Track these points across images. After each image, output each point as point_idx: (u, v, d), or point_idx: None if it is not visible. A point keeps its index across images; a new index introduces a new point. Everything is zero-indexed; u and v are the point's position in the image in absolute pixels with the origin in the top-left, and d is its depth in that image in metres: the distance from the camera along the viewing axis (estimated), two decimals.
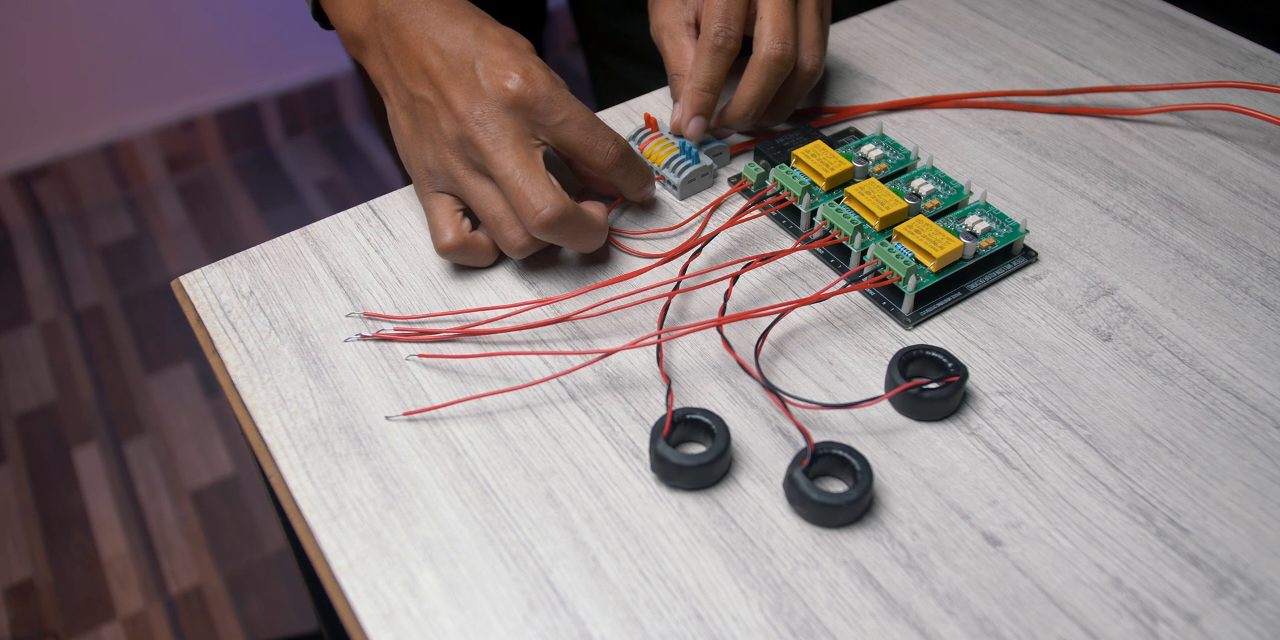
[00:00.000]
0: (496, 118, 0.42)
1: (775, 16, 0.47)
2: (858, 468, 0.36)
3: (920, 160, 0.50)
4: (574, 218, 0.42)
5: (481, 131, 0.42)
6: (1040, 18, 0.61)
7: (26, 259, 1.55)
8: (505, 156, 0.41)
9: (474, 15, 0.45)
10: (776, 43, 0.47)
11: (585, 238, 0.43)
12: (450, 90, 0.43)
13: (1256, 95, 0.55)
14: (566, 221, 0.42)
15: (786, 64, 0.47)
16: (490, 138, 0.42)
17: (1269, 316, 0.43)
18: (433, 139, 0.44)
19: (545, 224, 0.41)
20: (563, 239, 0.43)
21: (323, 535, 0.37)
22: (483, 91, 0.42)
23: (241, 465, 1.27)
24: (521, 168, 0.41)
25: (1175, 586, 0.34)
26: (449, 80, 0.43)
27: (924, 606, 0.34)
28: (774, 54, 0.47)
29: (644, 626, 0.34)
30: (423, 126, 0.44)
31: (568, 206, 0.41)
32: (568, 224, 0.42)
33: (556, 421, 0.40)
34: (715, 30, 0.47)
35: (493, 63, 0.42)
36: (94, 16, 1.47)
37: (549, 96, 0.42)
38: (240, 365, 0.42)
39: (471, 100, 0.42)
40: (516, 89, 0.42)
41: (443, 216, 0.44)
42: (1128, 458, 0.38)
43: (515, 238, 0.43)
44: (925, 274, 0.43)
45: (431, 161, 0.44)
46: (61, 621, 1.12)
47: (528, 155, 0.42)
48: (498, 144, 0.42)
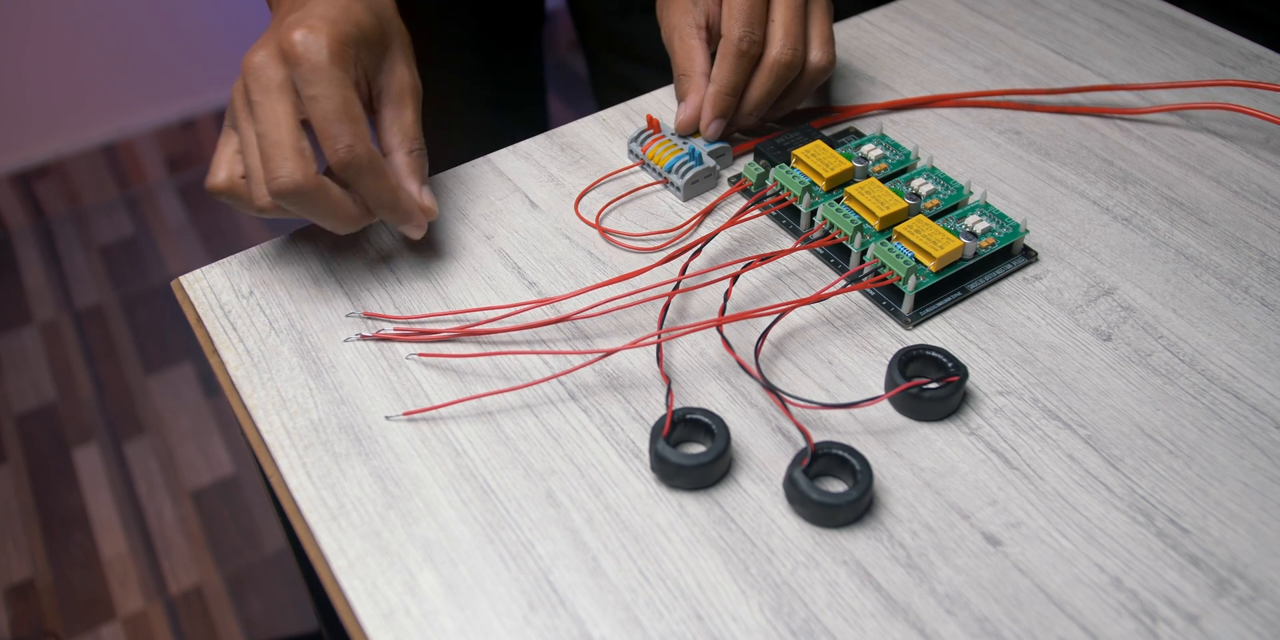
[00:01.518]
0: (270, 65, 0.40)
1: (787, 20, 0.47)
2: (858, 468, 0.36)
3: (920, 160, 0.50)
4: (312, 193, 0.39)
5: (253, 75, 0.40)
6: (1040, 18, 0.61)
7: (26, 259, 1.55)
8: (264, 109, 0.39)
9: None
10: (788, 48, 0.47)
11: (327, 217, 0.41)
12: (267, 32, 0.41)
13: (1256, 95, 0.55)
14: (302, 195, 0.39)
15: (795, 69, 0.48)
16: (259, 84, 0.40)
17: (1269, 316, 0.43)
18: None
19: (279, 190, 0.39)
20: (301, 212, 0.40)
21: (323, 535, 0.37)
22: (276, 37, 0.40)
23: (241, 465, 1.27)
24: (275, 125, 0.39)
25: (1175, 586, 0.34)
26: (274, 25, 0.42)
27: (924, 606, 0.34)
28: (784, 59, 0.47)
29: (644, 626, 0.34)
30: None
31: (307, 180, 0.39)
32: (305, 198, 0.39)
33: (556, 421, 0.40)
34: (740, 35, 0.47)
35: (299, 15, 0.41)
36: (94, 16, 1.47)
37: (312, 64, 0.39)
38: (240, 365, 0.42)
39: (264, 43, 0.40)
40: (287, 45, 0.39)
41: (222, 153, 0.42)
42: (1128, 458, 0.38)
43: (258, 195, 0.40)
44: (925, 274, 0.43)
45: (235, 91, 0.42)
46: (61, 621, 1.12)
47: (286, 113, 0.39)
48: (263, 93, 0.40)
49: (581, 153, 0.53)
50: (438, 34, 0.75)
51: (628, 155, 0.52)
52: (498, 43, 0.80)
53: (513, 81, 0.84)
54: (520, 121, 0.86)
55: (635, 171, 0.51)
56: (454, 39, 0.78)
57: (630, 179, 0.51)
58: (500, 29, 0.79)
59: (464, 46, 0.78)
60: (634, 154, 0.51)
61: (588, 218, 0.49)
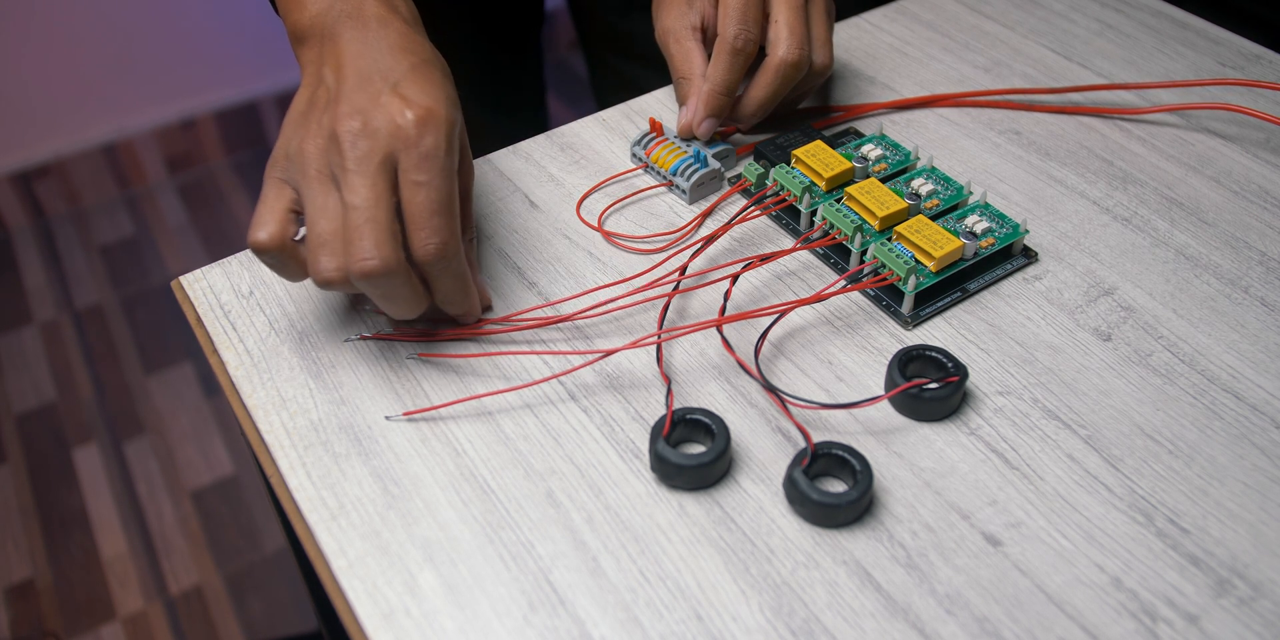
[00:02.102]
0: (376, 136, 0.38)
1: (791, 20, 0.47)
2: (858, 468, 0.36)
3: (920, 160, 0.50)
4: (396, 281, 0.38)
5: (354, 143, 0.37)
6: (1040, 18, 0.61)
7: (26, 259, 1.55)
8: (362, 183, 0.37)
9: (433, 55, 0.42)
10: (794, 48, 0.47)
11: (397, 303, 0.39)
12: (350, 88, 0.39)
13: (1256, 94, 0.55)
14: (387, 280, 0.38)
15: (801, 69, 0.48)
16: (358, 155, 0.37)
17: (1269, 316, 0.43)
18: (309, 128, 0.39)
19: (364, 273, 0.37)
20: (374, 294, 0.39)
21: (323, 535, 0.37)
22: (376, 106, 0.38)
23: (241, 465, 1.27)
24: (372, 204, 0.37)
25: (1175, 586, 0.34)
26: (356, 82, 0.39)
27: (924, 606, 0.34)
28: (790, 59, 0.47)
29: (644, 626, 0.34)
30: (310, 112, 0.40)
31: (396, 267, 0.37)
32: (387, 283, 0.38)
33: (556, 421, 0.40)
34: (734, 33, 0.47)
35: (408, 91, 0.39)
36: (94, 16, 1.47)
37: (428, 152, 0.38)
38: (240, 365, 0.42)
39: (365, 109, 0.38)
40: (405, 124, 0.38)
41: (273, 208, 0.39)
42: (1128, 458, 0.38)
43: (327, 267, 0.38)
44: (925, 274, 0.43)
45: (294, 148, 0.39)
46: (61, 621, 1.12)
47: (386, 192, 0.37)
48: (361, 165, 0.37)
49: (581, 153, 0.53)
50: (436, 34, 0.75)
51: (630, 159, 0.52)
52: (497, 43, 0.80)
53: (512, 81, 0.84)
54: (520, 122, 0.86)
55: (637, 174, 0.51)
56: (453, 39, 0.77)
57: (633, 181, 0.51)
58: (499, 29, 0.79)
59: (463, 47, 0.78)
60: (637, 157, 0.51)
61: (590, 220, 0.49)
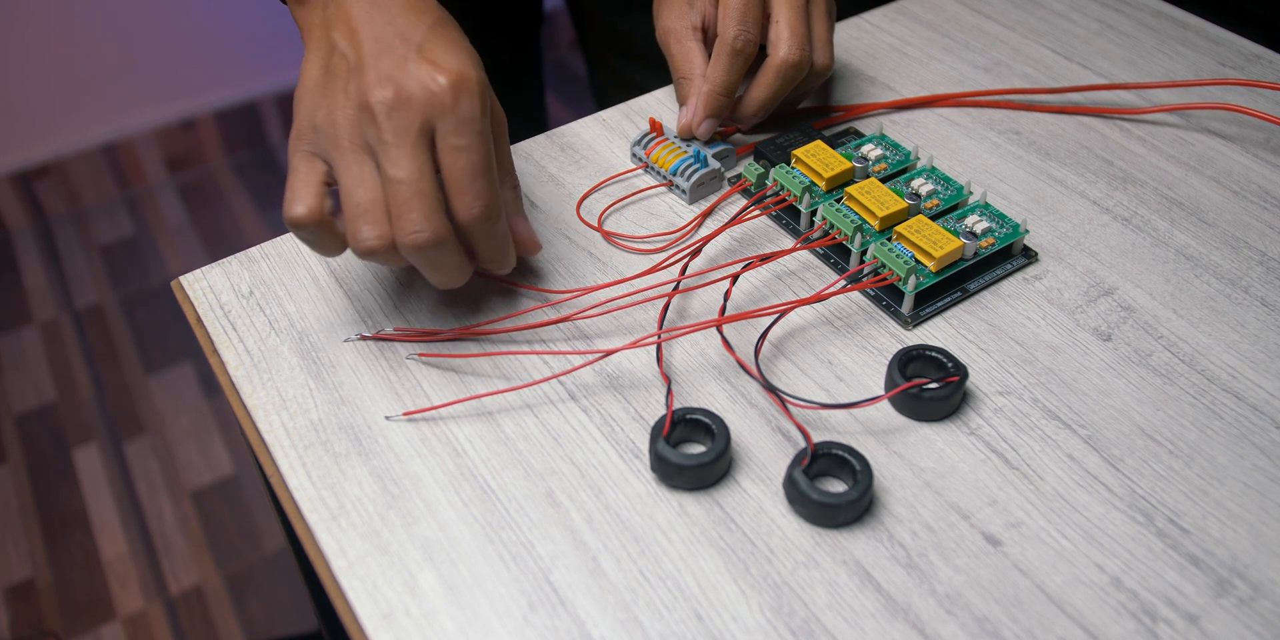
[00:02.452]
0: (409, 107, 0.37)
1: (792, 21, 0.47)
2: (858, 468, 0.36)
3: (920, 160, 0.50)
4: (447, 249, 0.38)
5: (389, 115, 0.36)
6: (1040, 18, 0.61)
7: (26, 259, 1.55)
8: (404, 155, 0.36)
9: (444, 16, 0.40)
10: (795, 48, 0.47)
11: (446, 272, 0.39)
12: (369, 56, 0.37)
13: (1256, 94, 0.55)
14: (439, 250, 0.37)
15: (802, 69, 0.48)
16: (396, 126, 0.36)
17: (1269, 316, 0.43)
18: (333, 97, 0.38)
19: (416, 245, 0.37)
20: (424, 264, 0.38)
21: (323, 535, 0.37)
22: (406, 73, 0.37)
23: (241, 465, 1.27)
24: (418, 177, 0.37)
25: (1175, 586, 0.34)
26: (375, 46, 0.38)
27: (924, 606, 0.34)
28: (792, 60, 0.47)
29: (644, 626, 0.34)
30: (330, 81, 0.39)
31: (448, 236, 0.37)
32: (439, 253, 0.38)
33: (556, 421, 0.40)
34: (734, 34, 0.47)
35: (435, 51, 0.37)
36: (94, 16, 1.47)
37: (467, 116, 0.37)
38: (240, 365, 0.42)
39: (392, 76, 0.37)
40: (441, 91, 0.37)
41: (307, 182, 0.38)
42: (1128, 458, 0.38)
43: (370, 236, 0.37)
44: (925, 274, 0.43)
45: (322, 119, 0.38)
46: (61, 621, 1.12)
47: (427, 161, 0.37)
48: (400, 137, 0.36)
49: (581, 153, 0.53)
50: None
51: (630, 159, 0.52)
52: (496, 42, 0.80)
53: (511, 81, 0.84)
54: (519, 121, 0.86)
55: (637, 174, 0.51)
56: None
57: (633, 181, 0.51)
58: (498, 28, 0.79)
59: None
60: (637, 157, 0.51)
61: (589, 220, 0.49)
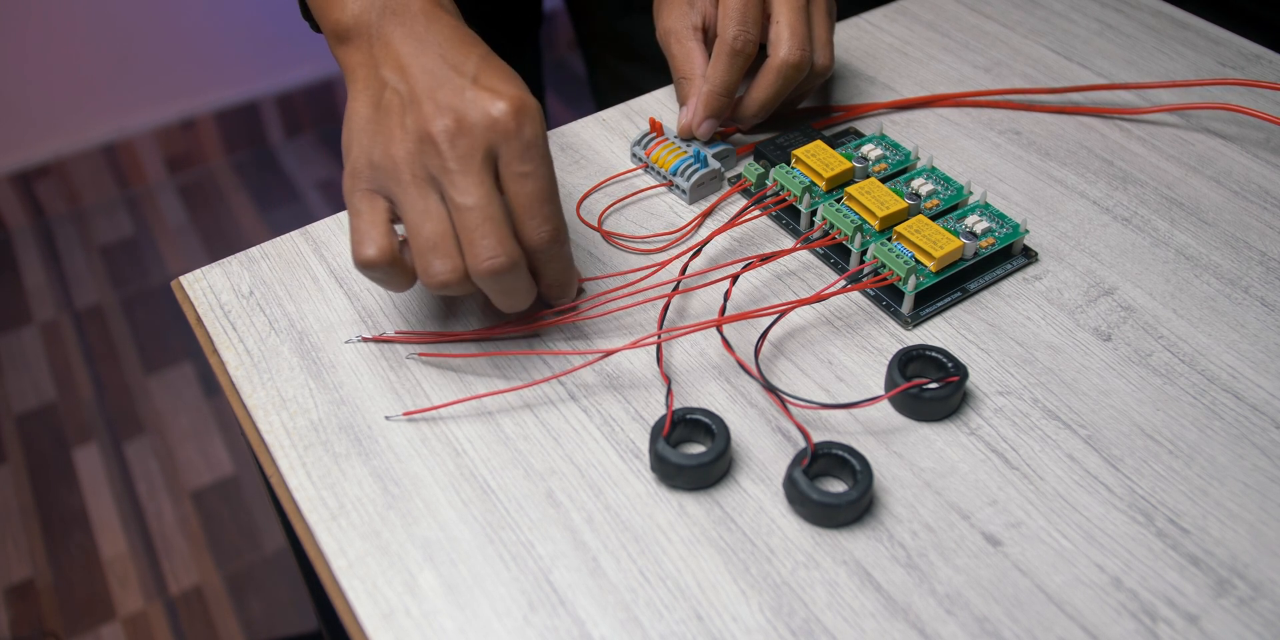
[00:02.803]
0: (471, 133, 0.37)
1: (793, 21, 0.47)
2: (858, 468, 0.36)
3: (920, 160, 0.50)
4: (519, 274, 0.38)
5: (451, 143, 0.36)
6: (1040, 18, 0.61)
7: (26, 259, 1.55)
8: (471, 182, 0.36)
9: (484, 46, 0.40)
10: (795, 49, 0.47)
11: (515, 297, 0.39)
12: (428, 89, 0.38)
13: (1256, 94, 0.55)
14: (512, 276, 0.38)
15: (803, 70, 0.48)
16: (460, 154, 0.36)
17: (1269, 316, 0.43)
18: (389, 133, 0.38)
19: (491, 271, 0.37)
20: (494, 290, 0.38)
21: (323, 535, 0.37)
22: (465, 101, 0.37)
23: (241, 465, 1.27)
24: (487, 202, 0.36)
25: (1175, 586, 0.34)
26: (429, 80, 0.38)
27: (924, 606, 0.34)
28: (792, 60, 0.47)
29: (644, 626, 0.34)
30: (384, 118, 0.39)
31: (520, 260, 0.37)
32: (512, 279, 0.38)
33: (556, 421, 0.40)
34: (734, 34, 0.47)
35: (491, 83, 0.38)
36: (94, 17, 1.47)
37: (530, 141, 0.37)
38: (240, 365, 0.42)
39: (448, 106, 0.37)
40: (502, 116, 0.37)
41: (373, 222, 0.38)
42: (1128, 458, 0.38)
43: (443, 270, 0.37)
44: (925, 274, 0.43)
45: (379, 156, 0.38)
46: (61, 621, 1.12)
47: (493, 187, 0.37)
48: (465, 164, 0.36)
49: (581, 153, 0.53)
50: None
51: (630, 159, 0.52)
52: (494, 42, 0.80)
53: None
54: None
55: (637, 174, 0.51)
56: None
57: (633, 181, 0.51)
58: (498, 29, 0.79)
59: None
60: (637, 157, 0.51)
61: (589, 220, 0.49)
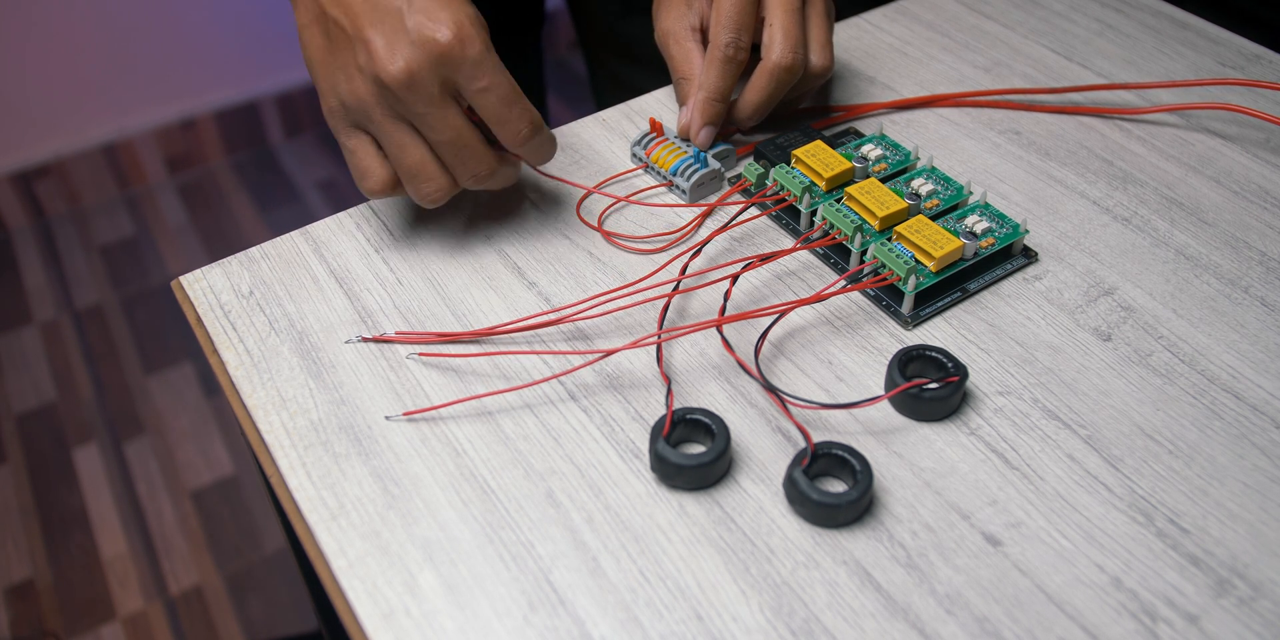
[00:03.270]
0: (424, 72, 0.39)
1: (786, 24, 0.47)
2: (858, 468, 0.36)
3: (920, 160, 0.50)
4: (501, 174, 0.44)
5: (410, 88, 0.39)
6: (1040, 18, 0.61)
7: (26, 259, 1.55)
8: (441, 119, 0.40)
9: None
10: (788, 52, 0.47)
11: (502, 182, 0.45)
12: (367, 26, 0.39)
13: (1256, 94, 0.55)
14: (496, 177, 0.44)
15: (795, 73, 0.48)
16: (422, 96, 0.39)
17: (1269, 316, 0.43)
18: (347, 70, 0.40)
19: (478, 182, 0.43)
20: (485, 187, 0.45)
21: (323, 535, 0.37)
22: (407, 37, 0.39)
23: (241, 465, 1.27)
24: (459, 133, 0.41)
25: (1175, 586, 0.34)
26: (368, 13, 0.39)
27: (924, 606, 0.34)
28: (784, 63, 0.47)
29: (644, 626, 0.34)
30: (337, 52, 0.41)
31: (499, 164, 0.43)
32: (497, 179, 0.44)
33: (556, 421, 0.40)
34: (726, 41, 0.47)
35: (427, 10, 0.39)
36: (94, 17, 1.47)
37: (477, 59, 0.39)
38: (240, 365, 0.42)
39: (393, 46, 0.39)
40: (445, 44, 0.38)
41: (365, 156, 0.43)
42: (1128, 458, 0.38)
43: (431, 190, 0.43)
44: (925, 274, 0.43)
45: (346, 95, 0.41)
46: (61, 621, 1.12)
47: (459, 115, 0.41)
48: (431, 103, 0.40)
49: (581, 153, 0.53)
50: None
51: (630, 159, 0.52)
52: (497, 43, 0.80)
53: None
54: None
55: (637, 174, 0.51)
56: None
57: (633, 181, 0.51)
58: (499, 29, 0.79)
59: None
60: (637, 157, 0.51)
61: (589, 220, 0.49)
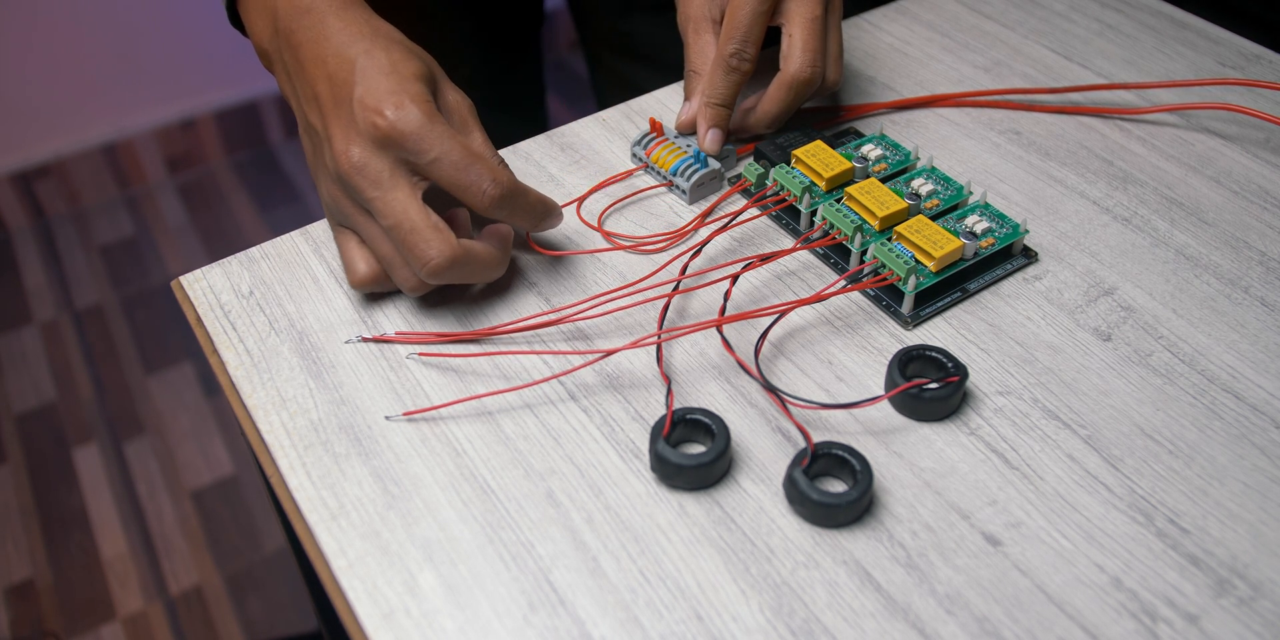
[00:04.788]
0: (371, 159, 0.40)
1: (806, 37, 0.47)
2: (858, 468, 0.36)
3: (920, 160, 0.50)
4: (464, 261, 0.40)
5: (359, 175, 0.40)
6: (1040, 18, 0.61)
7: (26, 259, 1.55)
8: (385, 203, 0.40)
9: (369, 34, 0.42)
10: (808, 66, 0.47)
11: (481, 274, 0.42)
12: (332, 124, 0.41)
13: (1256, 94, 0.55)
14: (456, 266, 0.40)
15: (814, 85, 0.48)
16: (369, 182, 0.40)
17: (1269, 316, 0.43)
18: (324, 172, 0.42)
19: (434, 272, 0.40)
20: (457, 279, 0.41)
21: (323, 535, 0.37)
22: (357, 128, 0.40)
23: (241, 465, 1.27)
24: (404, 216, 0.39)
25: (1175, 586, 0.34)
26: (332, 112, 0.41)
27: (924, 606, 0.34)
28: (804, 77, 0.47)
29: (644, 626, 0.34)
30: (317, 156, 0.43)
31: (455, 252, 0.40)
32: (459, 268, 0.40)
33: (556, 421, 0.40)
34: (730, 52, 0.47)
35: (367, 94, 0.40)
36: (94, 17, 1.47)
37: (417, 134, 0.39)
38: (240, 365, 0.42)
39: (348, 137, 0.40)
40: (384, 126, 0.39)
41: (351, 251, 0.43)
42: (1128, 458, 0.38)
43: (406, 278, 0.42)
44: (925, 274, 0.43)
45: (326, 196, 0.43)
46: (61, 621, 1.12)
47: (408, 199, 0.40)
48: (377, 188, 0.40)
49: (581, 153, 0.53)
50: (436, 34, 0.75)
51: (630, 159, 0.52)
52: (497, 43, 0.80)
53: (512, 81, 0.84)
54: (520, 122, 0.86)
55: (637, 174, 0.51)
56: (453, 39, 0.78)
57: (633, 181, 0.51)
58: (499, 29, 0.79)
59: (463, 46, 0.78)
60: (637, 157, 0.51)
61: (590, 220, 0.49)
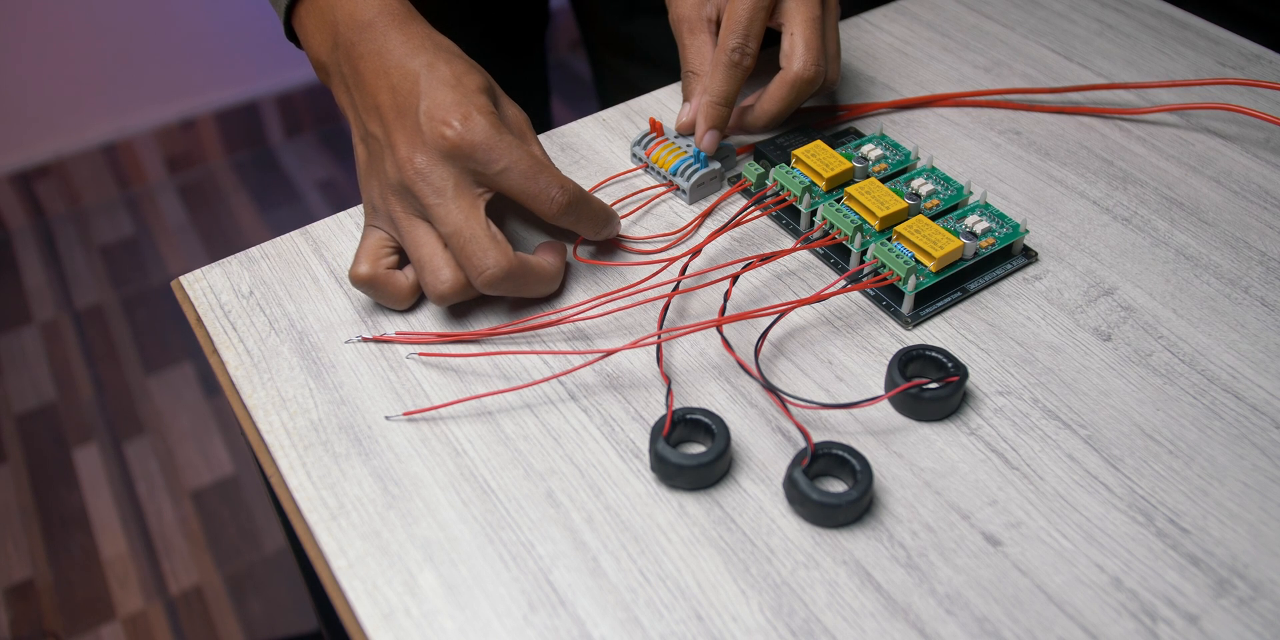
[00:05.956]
0: (436, 167, 0.41)
1: (808, 36, 0.47)
2: (858, 468, 0.36)
3: (920, 160, 0.50)
4: (519, 274, 0.41)
5: (422, 182, 0.41)
6: (1040, 18, 0.61)
7: (26, 259, 1.55)
8: (448, 211, 0.40)
9: (431, 48, 0.43)
10: (810, 64, 0.47)
11: (534, 288, 0.43)
12: (395, 133, 0.42)
13: (1256, 94, 0.55)
14: (512, 278, 0.41)
15: (815, 84, 0.48)
16: (432, 189, 0.41)
17: (1269, 316, 0.43)
18: (380, 177, 0.43)
19: (489, 281, 0.41)
20: (511, 292, 0.42)
21: (323, 535, 0.37)
22: (423, 137, 0.41)
23: (241, 465, 1.27)
24: (465, 224, 0.40)
25: (1175, 586, 0.34)
26: (395, 122, 0.42)
27: (924, 606, 0.34)
28: (806, 75, 0.47)
29: (644, 626, 0.34)
30: (374, 163, 0.44)
31: (512, 264, 0.41)
32: (514, 280, 0.41)
33: (556, 421, 0.40)
34: (733, 46, 0.46)
35: (434, 106, 0.41)
36: (94, 16, 1.47)
37: (487, 145, 0.40)
38: (240, 365, 0.42)
39: (412, 147, 0.41)
40: (454, 137, 0.40)
41: (368, 248, 0.43)
42: (1128, 458, 0.38)
43: (438, 283, 0.41)
44: (925, 274, 0.43)
45: (377, 199, 0.43)
46: (61, 621, 1.12)
47: (470, 208, 0.41)
48: (440, 196, 0.41)
49: (582, 153, 0.53)
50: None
51: (630, 159, 0.52)
52: (501, 44, 0.80)
53: (516, 82, 0.84)
54: None
55: (637, 174, 0.51)
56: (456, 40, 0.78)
57: (633, 181, 0.51)
58: (503, 30, 0.79)
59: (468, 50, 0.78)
60: (637, 157, 0.51)
61: None
